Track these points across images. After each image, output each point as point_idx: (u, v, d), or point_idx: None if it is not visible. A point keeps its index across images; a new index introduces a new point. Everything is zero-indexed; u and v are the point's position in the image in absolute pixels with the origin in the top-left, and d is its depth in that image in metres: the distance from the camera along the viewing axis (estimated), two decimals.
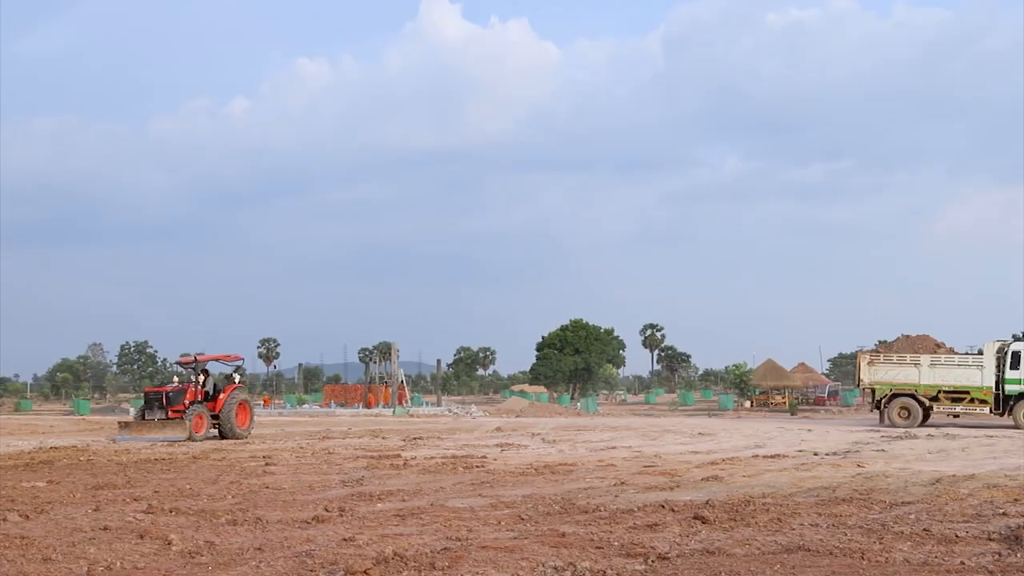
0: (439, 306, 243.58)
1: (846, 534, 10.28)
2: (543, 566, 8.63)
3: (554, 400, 76.26)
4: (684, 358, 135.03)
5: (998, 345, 34.15)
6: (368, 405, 54.97)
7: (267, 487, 15.32)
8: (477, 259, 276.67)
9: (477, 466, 18.75)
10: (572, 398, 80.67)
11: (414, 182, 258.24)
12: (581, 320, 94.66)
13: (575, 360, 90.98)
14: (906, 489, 14.47)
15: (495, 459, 20.52)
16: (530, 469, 18.07)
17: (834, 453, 21.75)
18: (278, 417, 46.88)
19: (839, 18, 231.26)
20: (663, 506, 12.45)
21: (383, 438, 28.06)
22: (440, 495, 14.15)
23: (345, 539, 10.11)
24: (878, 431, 30.55)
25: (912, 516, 11.54)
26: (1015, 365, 33.04)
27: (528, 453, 22.43)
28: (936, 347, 37.31)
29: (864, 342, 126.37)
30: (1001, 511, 11.93)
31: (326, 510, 12.29)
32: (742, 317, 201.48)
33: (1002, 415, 33.51)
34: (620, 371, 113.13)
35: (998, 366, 33.38)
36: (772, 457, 20.74)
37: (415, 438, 27.72)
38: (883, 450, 22.64)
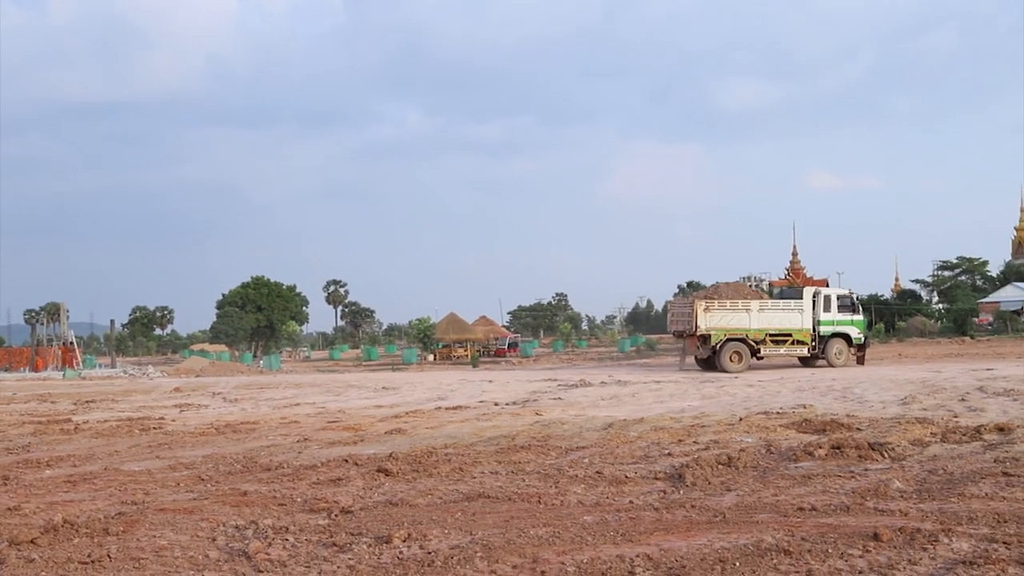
0: (112, 265, 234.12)
1: (524, 480, 10.64)
2: (224, 526, 8.45)
3: (236, 359, 74.93)
4: (368, 314, 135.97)
5: (814, 290, 36.84)
6: (36, 369, 52.55)
7: None
8: (153, 216, 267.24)
9: (155, 428, 18.18)
10: (255, 356, 79.54)
11: (83, 136, 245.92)
12: (263, 277, 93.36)
13: (257, 317, 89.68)
14: (580, 434, 15.12)
15: (174, 420, 19.96)
16: (211, 429, 17.67)
17: (514, 403, 22.42)
18: None
19: None
20: (347, 461, 12.46)
21: (52, 402, 26.70)
22: (115, 459, 13.60)
23: (10, 508, 9.55)
24: (555, 380, 31.69)
25: (586, 460, 12.07)
26: (827, 308, 36.13)
27: (209, 413, 21.91)
28: (758, 290, 39.65)
29: (543, 295, 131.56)
30: (667, 452, 12.69)
31: None
32: (425, 272, 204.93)
33: (817, 355, 36.26)
34: (303, 328, 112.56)
35: (814, 309, 36.08)
36: (454, 408, 21.15)
37: (87, 401, 26.56)
38: (560, 398, 23.53)
